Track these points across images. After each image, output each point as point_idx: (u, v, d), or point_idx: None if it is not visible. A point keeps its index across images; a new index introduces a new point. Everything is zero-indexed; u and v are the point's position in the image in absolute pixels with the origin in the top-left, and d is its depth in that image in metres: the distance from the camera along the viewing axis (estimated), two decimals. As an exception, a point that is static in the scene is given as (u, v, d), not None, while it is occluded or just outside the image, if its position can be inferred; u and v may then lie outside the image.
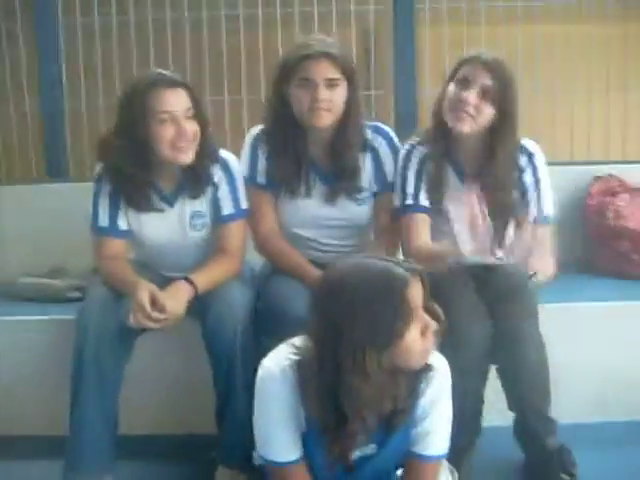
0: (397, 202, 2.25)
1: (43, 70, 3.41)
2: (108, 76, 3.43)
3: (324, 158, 2.24)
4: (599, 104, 3.48)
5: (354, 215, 2.27)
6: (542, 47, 3.42)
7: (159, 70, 2.17)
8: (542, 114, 3.42)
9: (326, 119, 2.13)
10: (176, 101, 2.06)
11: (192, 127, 2.08)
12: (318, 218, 2.27)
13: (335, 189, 2.23)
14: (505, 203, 2.16)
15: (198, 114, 2.11)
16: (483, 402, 2.17)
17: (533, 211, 2.13)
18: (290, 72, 2.13)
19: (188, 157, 2.10)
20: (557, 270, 2.06)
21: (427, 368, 1.57)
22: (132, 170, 2.11)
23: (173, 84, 2.08)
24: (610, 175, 3.06)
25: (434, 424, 1.60)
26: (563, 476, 2.06)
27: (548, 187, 2.24)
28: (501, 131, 2.14)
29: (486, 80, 2.09)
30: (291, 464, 1.60)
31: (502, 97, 2.10)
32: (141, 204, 2.17)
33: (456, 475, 1.95)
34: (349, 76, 2.15)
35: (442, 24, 3.42)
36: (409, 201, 2.23)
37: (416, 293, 1.47)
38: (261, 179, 2.27)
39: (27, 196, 3.23)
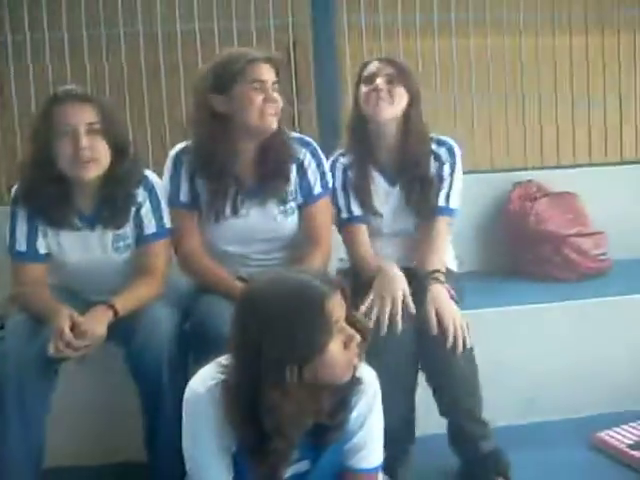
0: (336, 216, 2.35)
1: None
2: (23, 97, 3.33)
3: (250, 171, 2.20)
4: (514, 112, 3.58)
5: (282, 227, 2.24)
6: (458, 59, 3.51)
7: (71, 86, 2.12)
8: (461, 124, 3.50)
9: (275, 123, 2.13)
10: (77, 115, 2.01)
11: (94, 143, 2.02)
12: (246, 233, 2.23)
13: (263, 197, 2.20)
14: (423, 198, 2.29)
15: (108, 132, 2.05)
16: (414, 410, 2.17)
17: (442, 200, 2.30)
18: (236, 76, 2.08)
19: (88, 174, 2.03)
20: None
21: (356, 381, 1.55)
22: (46, 187, 2.05)
23: (77, 98, 2.03)
24: (529, 181, 3.14)
25: (367, 437, 1.59)
26: (498, 479, 2.07)
27: (460, 181, 2.35)
28: (411, 117, 2.28)
29: (389, 69, 2.26)
30: None
31: (408, 80, 2.27)
32: (60, 222, 2.10)
33: (394, 485, 1.96)
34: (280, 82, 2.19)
35: (361, 37, 3.46)
36: (344, 214, 2.33)
37: (336, 306, 1.45)
38: (184, 198, 2.21)
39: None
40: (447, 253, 2.35)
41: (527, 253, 3.00)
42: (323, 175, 2.26)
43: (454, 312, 2.05)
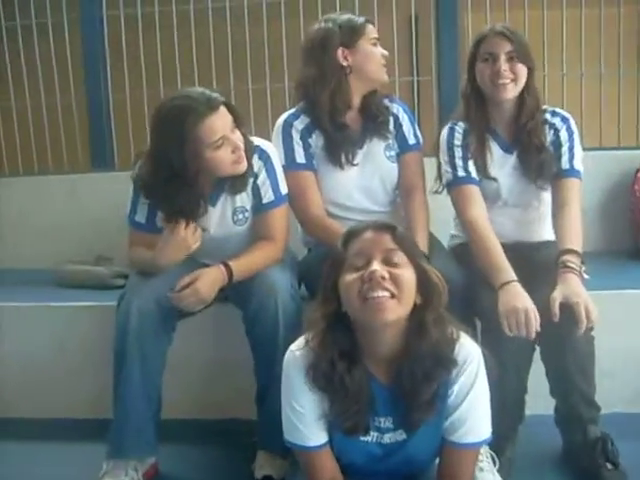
0: (447, 176, 2.31)
1: (88, 61, 3.48)
2: (151, 67, 3.48)
3: (358, 123, 2.37)
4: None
5: (387, 172, 2.38)
6: (575, 31, 3.36)
7: (190, 93, 2.06)
8: (586, 99, 3.36)
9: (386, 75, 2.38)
10: (223, 123, 2.05)
11: (240, 138, 2.09)
12: (361, 180, 2.36)
13: (370, 136, 2.37)
14: (541, 162, 2.26)
15: (237, 120, 2.11)
16: (526, 388, 2.14)
17: (565, 164, 2.26)
18: (360, 31, 2.30)
19: (245, 165, 2.12)
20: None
21: (448, 361, 1.55)
22: (175, 192, 2.06)
23: (215, 107, 2.02)
24: (657, 160, 2.99)
25: (468, 413, 1.58)
26: (607, 465, 2.02)
27: (579, 146, 2.31)
28: (528, 89, 2.27)
29: (507, 46, 2.22)
30: (314, 449, 1.61)
31: (527, 55, 2.25)
32: (190, 219, 2.12)
33: (497, 462, 1.95)
34: None
35: (484, 10, 3.37)
36: (461, 173, 2.29)
37: None
38: (300, 159, 2.32)
39: (74, 185, 3.32)
40: None
41: (651, 235, 2.87)
42: (415, 130, 2.44)
43: (586, 301, 1.95)
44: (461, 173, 2.28)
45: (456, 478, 1.59)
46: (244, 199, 2.21)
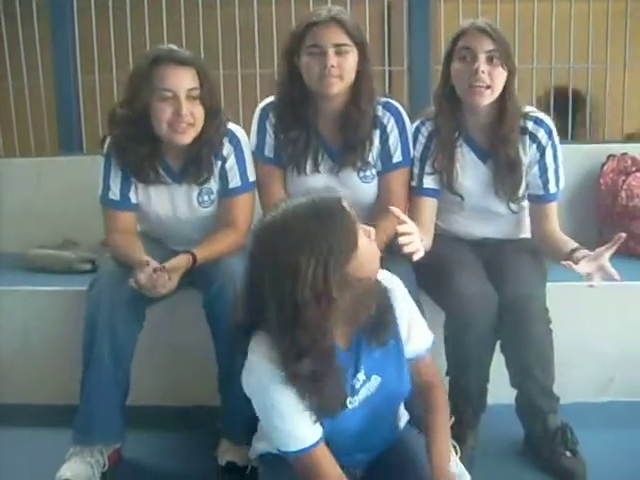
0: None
1: (56, 44, 3.42)
2: (121, 50, 3.44)
3: (333, 132, 2.21)
4: (615, 79, 3.44)
5: (360, 193, 2.22)
6: (546, 24, 3.38)
7: (171, 46, 2.13)
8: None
9: (336, 86, 2.09)
10: (179, 80, 2.03)
11: (193, 109, 2.06)
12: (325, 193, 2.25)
13: (342, 161, 2.20)
14: (514, 180, 2.17)
15: (205, 96, 2.08)
16: (488, 379, 2.17)
17: (553, 187, 2.21)
18: (299, 41, 2.10)
19: (185, 139, 2.08)
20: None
21: (381, 286, 1.59)
22: (137, 143, 2.10)
23: (180, 62, 2.04)
24: (624, 154, 3.03)
25: (411, 321, 1.67)
26: (567, 453, 2.05)
27: (561, 161, 2.22)
28: (508, 90, 2.11)
29: (489, 44, 2.05)
30: (313, 447, 1.52)
31: (508, 55, 2.08)
32: (147, 177, 2.17)
33: (458, 451, 1.97)
34: (359, 44, 2.11)
35: (456, 0, 3.38)
36: (413, 183, 2.24)
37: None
38: (269, 153, 2.24)
39: (40, 169, 3.26)
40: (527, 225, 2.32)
41: (616, 229, 2.90)
42: (405, 145, 2.21)
43: None
44: (413, 183, 2.23)
45: None
46: (211, 181, 2.20)
